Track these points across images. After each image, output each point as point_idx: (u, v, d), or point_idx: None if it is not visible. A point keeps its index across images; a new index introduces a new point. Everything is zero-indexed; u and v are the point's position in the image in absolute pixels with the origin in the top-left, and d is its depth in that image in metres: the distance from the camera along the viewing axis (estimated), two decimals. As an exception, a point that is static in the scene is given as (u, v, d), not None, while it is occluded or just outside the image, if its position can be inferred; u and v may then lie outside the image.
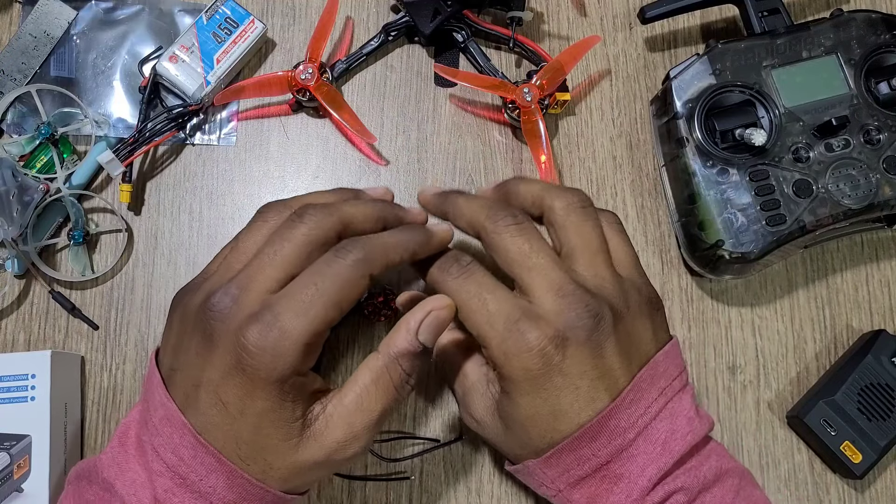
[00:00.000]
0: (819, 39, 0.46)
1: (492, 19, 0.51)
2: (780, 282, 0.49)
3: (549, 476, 0.35)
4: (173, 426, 0.32)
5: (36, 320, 0.46)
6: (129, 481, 0.32)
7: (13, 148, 0.46)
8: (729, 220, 0.44)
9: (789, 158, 0.45)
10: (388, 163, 0.50)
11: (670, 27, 0.53)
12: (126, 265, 0.47)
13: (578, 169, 0.50)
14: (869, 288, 0.49)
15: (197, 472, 0.31)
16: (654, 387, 0.35)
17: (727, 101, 0.46)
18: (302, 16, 0.51)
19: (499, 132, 0.50)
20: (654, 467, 0.33)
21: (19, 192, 0.45)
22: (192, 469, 0.31)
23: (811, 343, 0.48)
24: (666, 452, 0.34)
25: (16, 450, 0.41)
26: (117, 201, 0.47)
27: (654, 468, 0.33)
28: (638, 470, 0.33)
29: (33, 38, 0.49)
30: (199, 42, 0.48)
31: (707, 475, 0.34)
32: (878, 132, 0.45)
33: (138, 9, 0.50)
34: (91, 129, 0.47)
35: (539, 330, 0.33)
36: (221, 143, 0.49)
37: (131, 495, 0.32)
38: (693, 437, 0.34)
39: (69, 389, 0.44)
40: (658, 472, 0.33)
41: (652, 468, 0.33)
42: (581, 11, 0.52)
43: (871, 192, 0.44)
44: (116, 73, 0.49)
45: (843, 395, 0.45)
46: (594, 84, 0.51)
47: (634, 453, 0.34)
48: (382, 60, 0.51)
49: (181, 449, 0.32)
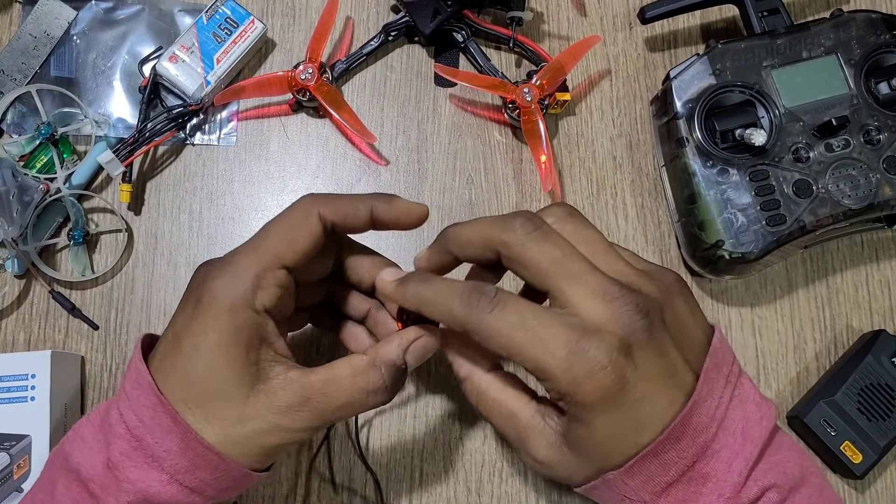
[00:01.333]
0: (819, 39, 0.46)
1: (492, 19, 0.51)
2: (780, 282, 0.49)
3: (632, 486, 0.32)
4: (140, 388, 0.32)
5: (36, 320, 0.46)
6: (87, 449, 0.32)
7: (13, 148, 0.46)
8: (729, 220, 0.44)
9: (789, 158, 0.45)
10: (388, 163, 0.50)
11: (670, 27, 0.52)
12: (126, 265, 0.47)
13: (578, 169, 0.50)
14: (869, 288, 0.49)
15: (153, 434, 0.31)
16: (720, 375, 0.33)
17: (727, 102, 0.46)
18: (302, 16, 0.51)
19: (499, 132, 0.50)
20: (740, 460, 0.31)
21: (19, 192, 0.45)
22: (149, 430, 0.31)
23: (811, 343, 0.48)
24: (748, 442, 0.32)
25: (16, 450, 0.41)
26: (117, 201, 0.47)
27: (741, 461, 0.31)
28: (724, 466, 0.31)
29: (33, 38, 0.49)
30: (199, 42, 0.48)
31: (794, 472, 0.33)
32: (877, 132, 0.45)
33: (138, 9, 0.50)
34: (91, 129, 0.47)
35: (603, 343, 0.30)
36: (221, 144, 0.49)
37: (85, 461, 0.32)
38: (767, 422, 0.33)
39: (69, 389, 0.44)
40: (746, 465, 0.31)
41: (739, 461, 0.31)
42: (581, 11, 0.52)
43: (871, 193, 0.44)
44: (116, 73, 0.49)
45: (843, 396, 0.45)
46: (594, 84, 0.51)
47: (717, 448, 0.31)
48: (382, 60, 0.51)
49: (143, 409, 0.32)
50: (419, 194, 0.49)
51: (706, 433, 0.31)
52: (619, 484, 0.32)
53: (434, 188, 0.49)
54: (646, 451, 0.31)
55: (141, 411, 0.32)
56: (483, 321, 0.31)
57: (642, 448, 0.31)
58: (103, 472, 0.32)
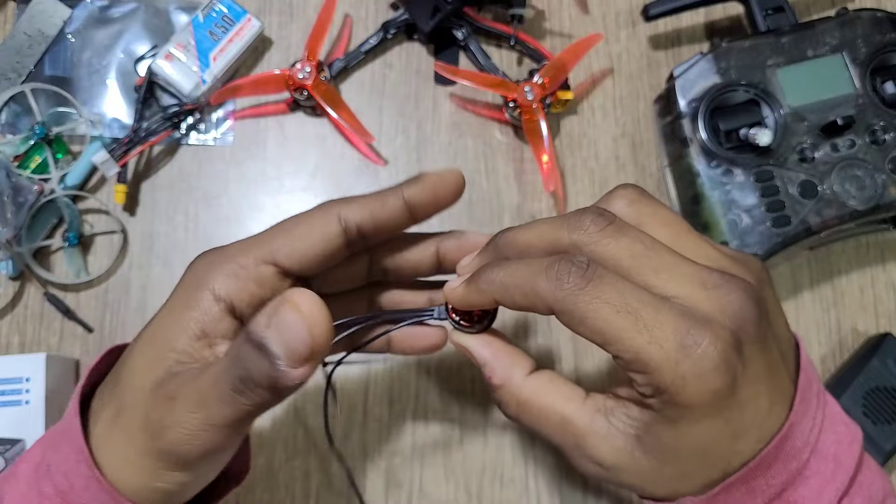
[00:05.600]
0: (824, 38, 0.46)
1: (492, 16, 0.51)
2: (785, 284, 0.48)
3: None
4: (71, 445, 0.28)
5: (30, 323, 0.46)
6: (19, 496, 0.29)
7: (7, 148, 0.46)
8: (734, 221, 0.44)
9: (794, 159, 0.44)
10: (387, 162, 0.49)
11: (674, 25, 0.52)
12: (121, 267, 0.47)
13: (581, 169, 0.49)
14: (875, 290, 0.49)
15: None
16: (812, 393, 0.29)
17: (732, 101, 0.45)
18: (299, 13, 0.51)
19: (500, 131, 0.50)
20: (831, 489, 0.28)
21: (13, 194, 0.44)
22: (82, 501, 0.28)
23: (816, 346, 0.48)
24: (840, 469, 0.28)
25: (10, 454, 0.40)
26: (112, 202, 0.47)
27: (832, 490, 0.28)
28: (813, 494, 0.28)
29: (28, 37, 0.48)
30: (194, 40, 0.47)
31: (877, 494, 0.29)
32: (884, 132, 0.44)
33: (133, 7, 0.49)
34: (86, 129, 0.47)
35: (714, 336, 0.25)
36: (218, 143, 0.49)
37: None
38: (857, 445, 0.29)
39: (64, 393, 0.44)
40: (836, 494, 0.28)
41: (830, 490, 0.28)
42: (583, 9, 0.52)
43: (876, 193, 0.44)
44: (111, 72, 0.49)
45: (848, 399, 0.44)
46: (597, 83, 0.51)
47: (808, 475, 0.28)
48: (381, 58, 0.50)
49: (74, 476, 0.28)
50: (419, 195, 0.48)
51: (799, 459, 0.28)
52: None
53: (434, 188, 0.49)
54: (733, 479, 0.27)
55: (71, 477, 0.28)
56: (577, 300, 0.26)
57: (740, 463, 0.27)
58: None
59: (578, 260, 0.27)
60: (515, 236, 0.30)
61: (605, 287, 0.26)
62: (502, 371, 0.31)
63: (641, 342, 0.26)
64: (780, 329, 0.29)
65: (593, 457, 0.29)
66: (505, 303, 0.29)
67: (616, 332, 0.26)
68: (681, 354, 0.25)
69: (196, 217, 0.48)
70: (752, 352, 0.27)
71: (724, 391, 0.26)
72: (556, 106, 0.48)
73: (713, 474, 0.28)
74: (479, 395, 0.46)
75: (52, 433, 0.30)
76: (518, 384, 0.31)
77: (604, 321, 0.26)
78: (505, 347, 0.32)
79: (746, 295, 0.27)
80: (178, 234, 0.47)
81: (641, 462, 0.28)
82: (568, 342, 0.47)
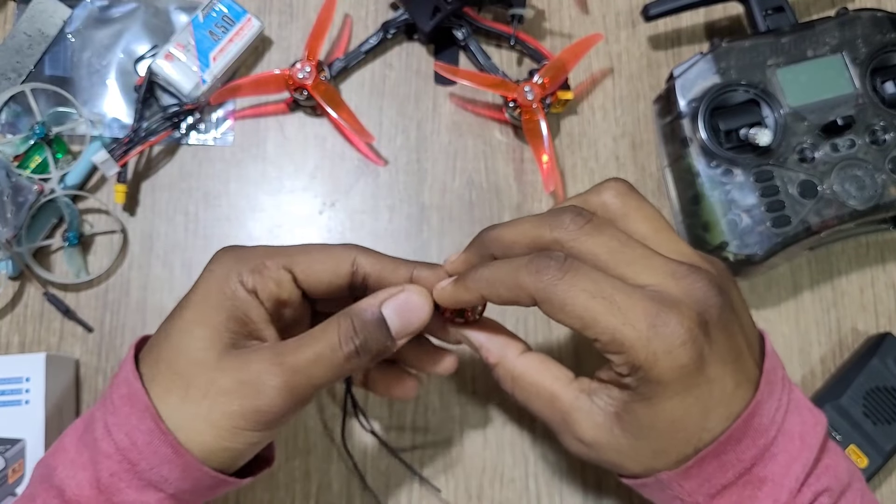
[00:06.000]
0: (824, 38, 0.46)
1: (492, 17, 0.51)
2: (784, 284, 0.48)
3: (687, 488, 0.31)
4: (133, 406, 0.31)
5: (30, 323, 0.46)
6: (70, 463, 0.31)
7: (7, 148, 0.46)
8: (733, 221, 0.44)
9: (794, 159, 0.44)
10: (386, 162, 0.49)
11: (674, 25, 0.52)
12: (121, 267, 0.47)
13: (581, 169, 0.49)
14: (875, 290, 0.49)
15: (149, 461, 0.30)
16: (777, 376, 0.32)
17: (731, 101, 0.45)
18: (299, 13, 0.51)
19: (500, 131, 0.50)
20: (798, 465, 0.30)
21: (13, 193, 0.44)
22: (144, 456, 0.30)
23: (816, 346, 0.48)
24: (805, 447, 0.31)
25: (10, 454, 0.40)
26: (112, 202, 0.47)
27: (799, 466, 0.30)
28: (781, 470, 0.30)
29: (28, 37, 0.48)
30: (194, 40, 0.47)
31: (843, 476, 0.32)
32: (884, 132, 0.44)
33: (134, 7, 0.49)
34: (86, 129, 0.47)
35: (683, 316, 0.28)
36: (218, 143, 0.49)
37: (70, 478, 0.30)
38: (822, 427, 0.32)
39: (64, 393, 0.44)
40: (803, 470, 0.30)
41: (797, 466, 0.30)
42: (583, 9, 0.52)
43: (876, 193, 0.44)
44: (111, 72, 0.49)
45: (848, 399, 0.44)
46: (596, 83, 0.51)
47: (776, 452, 0.30)
48: (381, 58, 0.50)
49: (136, 433, 0.30)
50: (419, 194, 0.48)
51: (766, 436, 0.30)
52: (673, 485, 0.31)
53: (434, 188, 0.49)
54: (706, 452, 0.30)
55: (134, 434, 0.30)
56: (556, 289, 0.29)
57: (711, 438, 0.30)
58: (92, 494, 0.30)
59: (556, 255, 0.30)
60: (500, 234, 0.33)
61: (581, 277, 0.29)
62: (497, 350, 0.35)
63: (616, 324, 0.29)
64: (745, 322, 0.32)
65: (576, 433, 0.32)
66: (491, 297, 0.32)
67: (593, 316, 0.29)
68: (651, 333, 0.28)
69: (196, 217, 0.48)
70: (717, 334, 0.29)
71: (692, 366, 0.29)
72: (556, 106, 0.48)
73: (686, 450, 0.30)
74: (479, 394, 0.46)
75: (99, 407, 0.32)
76: (512, 361, 0.34)
77: (581, 307, 0.29)
78: (497, 331, 0.36)
79: (711, 284, 0.30)
80: (178, 234, 0.47)
81: (619, 439, 0.31)
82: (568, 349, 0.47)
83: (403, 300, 0.33)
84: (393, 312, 0.32)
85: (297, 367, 0.31)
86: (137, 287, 0.47)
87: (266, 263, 0.33)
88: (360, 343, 0.31)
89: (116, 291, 0.46)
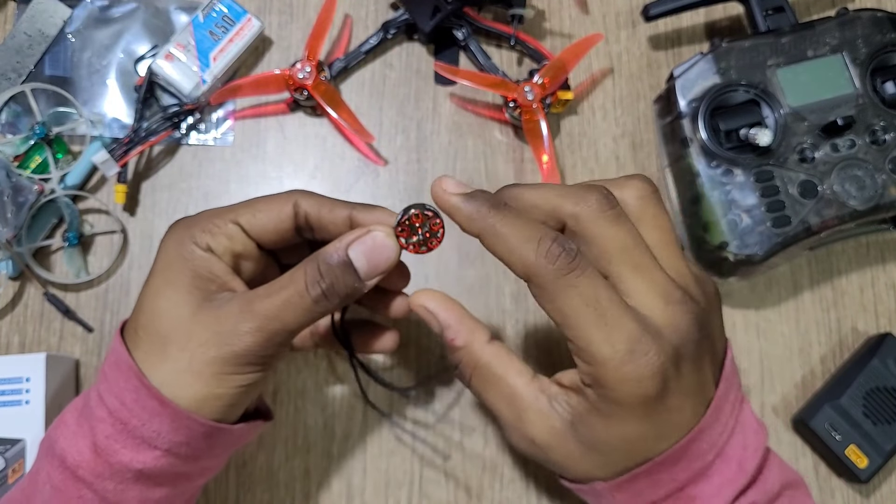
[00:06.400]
0: (824, 38, 0.46)
1: (492, 16, 0.51)
2: (785, 284, 0.48)
3: (619, 499, 0.32)
4: (119, 369, 0.32)
5: (30, 323, 0.46)
6: (71, 434, 0.32)
7: (7, 148, 0.46)
8: (734, 221, 0.44)
9: (794, 159, 0.44)
10: (386, 162, 0.49)
11: (674, 25, 0.52)
12: (121, 267, 0.47)
13: (581, 169, 0.49)
14: (875, 290, 0.49)
15: (139, 417, 0.31)
16: (728, 402, 0.32)
17: (732, 101, 0.45)
18: (300, 13, 0.51)
19: (500, 131, 0.50)
20: (730, 488, 0.31)
21: (14, 193, 0.44)
22: (133, 414, 0.31)
23: (816, 346, 0.48)
24: (741, 472, 0.31)
25: (10, 454, 0.40)
26: (112, 202, 0.47)
27: (731, 490, 0.31)
28: (713, 490, 0.31)
29: (28, 37, 0.48)
30: (195, 40, 0.47)
31: (772, 489, 0.32)
32: (884, 132, 0.44)
33: (134, 7, 0.49)
34: (86, 129, 0.47)
35: (660, 349, 0.29)
36: (218, 143, 0.49)
37: (70, 447, 0.32)
38: (762, 451, 0.32)
39: (64, 393, 0.44)
40: (734, 492, 0.31)
41: (728, 489, 0.31)
42: (583, 9, 0.52)
43: (876, 194, 0.44)
44: (111, 72, 0.49)
45: (848, 399, 0.44)
46: (597, 83, 0.51)
47: (711, 474, 0.31)
48: (381, 59, 0.50)
49: (124, 392, 0.31)
50: (419, 194, 0.48)
51: (703, 460, 0.31)
52: (605, 495, 0.32)
53: (434, 188, 0.49)
54: (639, 470, 0.30)
55: (122, 395, 0.31)
56: (557, 281, 0.29)
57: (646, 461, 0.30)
58: (92, 458, 0.31)
59: (570, 246, 0.29)
60: (521, 193, 0.32)
61: (585, 279, 0.29)
62: (466, 334, 0.34)
63: (598, 337, 0.29)
64: (717, 347, 0.33)
65: (528, 432, 0.32)
66: (486, 244, 0.31)
67: (578, 323, 0.29)
68: (627, 357, 0.28)
69: (196, 217, 0.48)
70: (687, 369, 0.30)
71: (655, 397, 0.29)
72: (556, 106, 0.48)
73: (628, 465, 0.31)
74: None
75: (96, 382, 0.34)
76: (479, 349, 0.34)
77: (571, 308, 0.29)
78: (466, 314, 0.35)
79: (695, 318, 0.30)
80: (178, 234, 0.47)
81: (570, 446, 0.31)
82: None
83: (370, 241, 0.32)
84: (360, 254, 0.32)
85: (268, 313, 0.31)
86: (137, 287, 0.46)
87: (214, 221, 0.34)
88: (327, 287, 0.32)
89: (116, 291, 0.46)
